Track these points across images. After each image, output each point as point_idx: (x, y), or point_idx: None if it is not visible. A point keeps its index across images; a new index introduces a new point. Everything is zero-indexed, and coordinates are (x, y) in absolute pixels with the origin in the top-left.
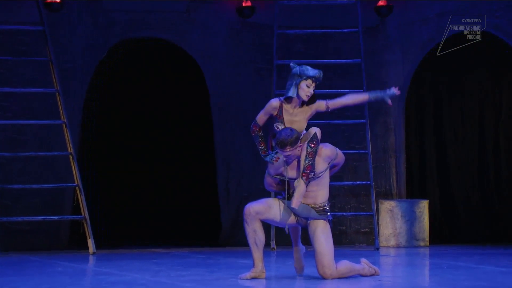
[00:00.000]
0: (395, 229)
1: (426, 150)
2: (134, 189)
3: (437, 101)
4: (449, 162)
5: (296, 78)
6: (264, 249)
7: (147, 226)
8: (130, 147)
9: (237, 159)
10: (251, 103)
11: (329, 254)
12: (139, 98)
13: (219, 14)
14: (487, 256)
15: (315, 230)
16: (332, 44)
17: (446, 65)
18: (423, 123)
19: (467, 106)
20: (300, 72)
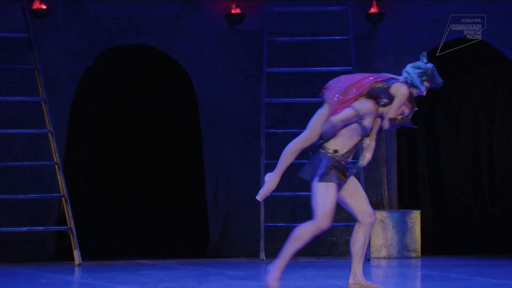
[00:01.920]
0: (387, 240)
1: (418, 159)
2: (120, 201)
3: (429, 110)
4: (442, 171)
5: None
6: (252, 260)
7: (134, 237)
8: (117, 157)
9: (225, 169)
10: (240, 111)
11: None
12: (127, 106)
13: (208, 21)
14: (481, 267)
15: (355, 180)
16: (322, 52)
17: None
18: (415, 132)
19: (460, 114)
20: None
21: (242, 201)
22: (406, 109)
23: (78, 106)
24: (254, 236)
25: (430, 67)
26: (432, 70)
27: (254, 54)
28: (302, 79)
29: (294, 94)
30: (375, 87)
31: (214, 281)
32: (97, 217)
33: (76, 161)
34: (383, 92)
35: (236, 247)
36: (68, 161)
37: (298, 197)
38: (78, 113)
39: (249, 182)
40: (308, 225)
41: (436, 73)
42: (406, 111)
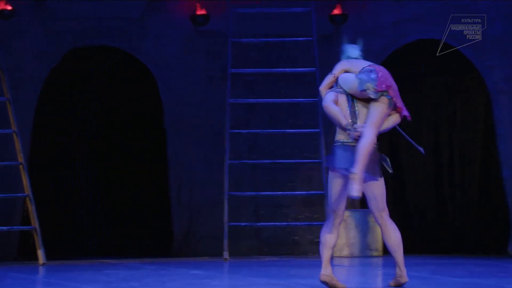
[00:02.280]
0: (349, 239)
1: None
2: (84, 200)
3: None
4: (403, 172)
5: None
6: (215, 259)
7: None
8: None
9: (190, 169)
10: (204, 112)
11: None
12: (92, 106)
13: (173, 22)
14: (441, 266)
15: (374, 184)
16: (286, 53)
17: (401, 75)
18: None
19: (422, 117)
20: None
21: (206, 201)
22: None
23: (43, 106)
24: (217, 235)
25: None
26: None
27: (219, 55)
28: (266, 79)
29: (258, 94)
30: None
31: (177, 280)
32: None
33: (42, 160)
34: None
35: (199, 246)
36: (34, 160)
37: (261, 197)
38: (43, 113)
39: (213, 182)
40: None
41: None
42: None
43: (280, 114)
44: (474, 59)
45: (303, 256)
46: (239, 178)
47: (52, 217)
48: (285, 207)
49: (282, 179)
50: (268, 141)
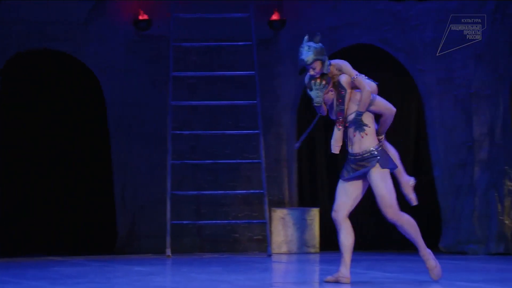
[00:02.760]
0: (287, 236)
1: (316, 159)
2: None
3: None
4: (339, 171)
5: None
6: (158, 256)
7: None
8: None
9: (133, 169)
10: (147, 113)
11: (388, 194)
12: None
13: (116, 26)
14: (373, 262)
15: (371, 176)
16: (226, 57)
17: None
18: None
19: None
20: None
21: (149, 200)
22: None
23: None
24: (160, 233)
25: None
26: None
27: (161, 59)
28: (208, 82)
29: (199, 97)
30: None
31: (121, 277)
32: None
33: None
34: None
35: (143, 244)
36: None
37: (203, 196)
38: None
39: (156, 182)
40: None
41: (300, 53)
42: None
43: (220, 116)
44: (407, 63)
45: (243, 253)
46: (181, 177)
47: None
48: (225, 206)
49: (223, 179)
50: (209, 142)
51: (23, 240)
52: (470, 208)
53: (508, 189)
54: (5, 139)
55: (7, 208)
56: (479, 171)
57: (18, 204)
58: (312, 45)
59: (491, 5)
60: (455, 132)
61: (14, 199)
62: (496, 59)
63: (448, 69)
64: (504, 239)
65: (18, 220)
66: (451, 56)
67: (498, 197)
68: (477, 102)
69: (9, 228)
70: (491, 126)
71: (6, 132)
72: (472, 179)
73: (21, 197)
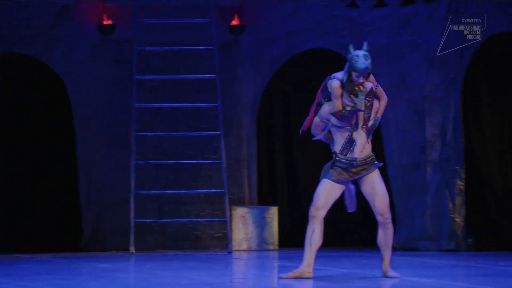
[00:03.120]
0: (247, 234)
1: (276, 160)
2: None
3: (286, 114)
4: (297, 171)
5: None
6: (122, 254)
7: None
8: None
9: (98, 169)
10: (112, 115)
11: (387, 194)
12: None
13: (81, 31)
14: (330, 258)
15: (372, 177)
16: (188, 60)
17: (294, 80)
18: (273, 134)
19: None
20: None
21: (113, 199)
22: (346, 100)
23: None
24: (124, 231)
25: (349, 57)
26: (352, 60)
27: (125, 62)
28: (170, 85)
29: (162, 99)
30: (324, 93)
31: (87, 274)
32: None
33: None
34: (328, 93)
35: (107, 241)
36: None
37: (166, 195)
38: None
39: (120, 181)
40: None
41: (358, 61)
42: (346, 101)
43: (182, 117)
44: None
45: (204, 250)
46: (144, 177)
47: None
48: (187, 205)
49: (185, 178)
50: (171, 143)
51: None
52: (423, 207)
53: (459, 188)
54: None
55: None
56: (431, 171)
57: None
58: (368, 54)
59: (442, 12)
60: (408, 133)
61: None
62: (447, 63)
63: (401, 73)
64: (455, 236)
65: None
66: (404, 61)
67: (449, 196)
68: (429, 104)
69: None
70: (443, 128)
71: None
72: (425, 178)
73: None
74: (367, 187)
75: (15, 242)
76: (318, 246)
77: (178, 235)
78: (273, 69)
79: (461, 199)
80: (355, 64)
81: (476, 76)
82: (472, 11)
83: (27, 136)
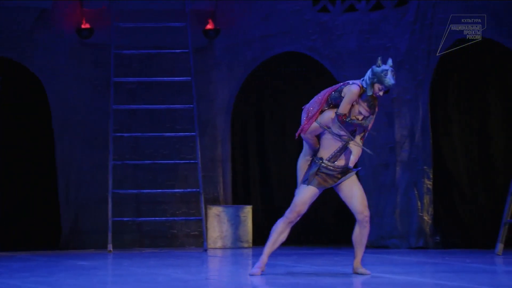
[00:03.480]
0: (222, 232)
1: (249, 160)
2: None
3: (260, 116)
4: (270, 171)
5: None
6: (101, 251)
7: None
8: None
9: (76, 169)
10: (90, 117)
11: (365, 196)
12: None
13: (60, 35)
14: (303, 256)
15: (352, 180)
16: (165, 63)
17: (268, 83)
18: (247, 135)
19: (287, 120)
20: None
21: (91, 198)
22: (363, 109)
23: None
24: (102, 229)
25: (379, 70)
26: (381, 73)
27: (103, 65)
28: (146, 87)
29: (139, 101)
30: (332, 97)
31: (65, 271)
32: None
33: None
34: (338, 98)
35: (86, 239)
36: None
37: (142, 195)
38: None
39: (98, 181)
40: (282, 218)
41: (388, 75)
42: (363, 111)
43: (159, 119)
44: (333, 70)
45: (180, 247)
46: (122, 177)
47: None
48: (164, 204)
49: (161, 178)
50: (148, 144)
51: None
52: (392, 206)
53: (427, 188)
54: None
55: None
56: (400, 170)
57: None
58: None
59: (410, 17)
60: (378, 134)
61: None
62: (415, 66)
63: None
64: (423, 234)
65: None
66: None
67: (417, 195)
68: (399, 106)
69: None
70: (412, 129)
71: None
72: (394, 178)
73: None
74: (345, 189)
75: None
76: (279, 244)
77: (155, 234)
78: (247, 71)
79: (429, 198)
80: (384, 78)
81: (443, 78)
82: (439, 16)
83: (6, 137)
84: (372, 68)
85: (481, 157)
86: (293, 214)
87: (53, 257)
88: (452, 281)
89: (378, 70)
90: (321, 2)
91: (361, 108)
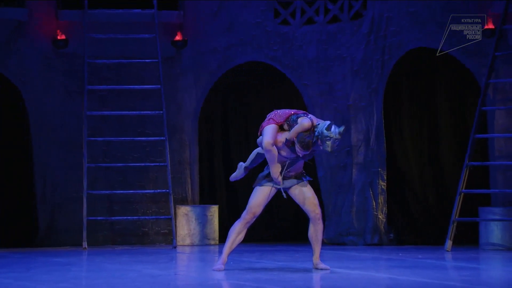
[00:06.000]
0: (190, 230)
1: (215, 162)
2: None
3: (225, 121)
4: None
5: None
6: (75, 249)
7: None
8: None
9: (53, 171)
10: (64, 122)
11: (315, 196)
12: None
13: (36, 45)
14: (266, 252)
15: (303, 186)
16: (135, 72)
17: (232, 90)
18: (213, 139)
19: (250, 124)
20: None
21: (67, 198)
22: (299, 147)
23: None
24: (77, 228)
25: (325, 134)
26: (325, 137)
27: (77, 73)
28: (118, 95)
29: (110, 107)
30: (291, 119)
31: (41, 267)
32: None
33: None
34: (294, 122)
35: (61, 237)
36: None
37: (115, 195)
38: None
39: (73, 182)
40: (239, 219)
41: (327, 142)
42: (298, 148)
43: (130, 124)
44: (293, 78)
45: (150, 245)
46: (95, 178)
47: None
48: (135, 204)
49: (132, 180)
50: (119, 147)
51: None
52: (349, 204)
53: (381, 188)
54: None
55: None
56: (357, 172)
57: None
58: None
59: (365, 29)
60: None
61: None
62: (370, 75)
63: (329, 83)
64: (378, 232)
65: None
66: (332, 72)
67: (373, 195)
68: (354, 112)
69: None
70: (367, 133)
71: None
72: (351, 178)
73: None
74: (296, 191)
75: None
76: (238, 243)
77: (126, 232)
78: (213, 79)
79: (384, 198)
80: (324, 142)
81: (396, 86)
82: (392, 28)
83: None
84: (324, 127)
85: (432, 160)
86: (249, 215)
87: (29, 254)
88: (406, 276)
89: (325, 133)
90: (282, 15)
91: (299, 146)
